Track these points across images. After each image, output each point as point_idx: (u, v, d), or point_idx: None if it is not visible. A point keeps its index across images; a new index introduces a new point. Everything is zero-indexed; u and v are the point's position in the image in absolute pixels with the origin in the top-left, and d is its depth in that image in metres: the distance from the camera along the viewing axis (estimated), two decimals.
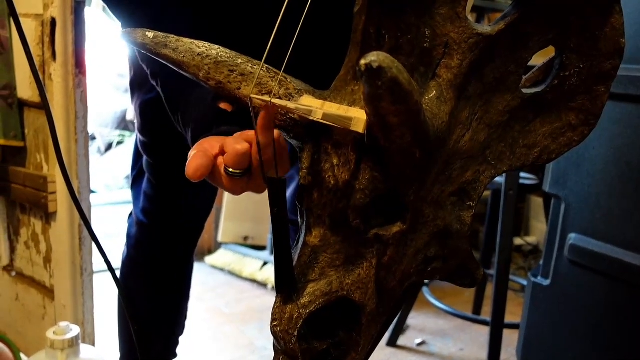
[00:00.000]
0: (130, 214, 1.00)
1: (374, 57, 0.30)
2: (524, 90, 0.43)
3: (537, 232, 2.53)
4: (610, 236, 0.98)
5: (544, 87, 0.43)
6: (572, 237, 1.04)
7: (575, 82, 0.41)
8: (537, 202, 2.52)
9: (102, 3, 3.59)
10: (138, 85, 0.85)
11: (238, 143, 0.49)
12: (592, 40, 0.40)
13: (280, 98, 0.44)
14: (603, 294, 1.00)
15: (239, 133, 0.53)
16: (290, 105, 0.42)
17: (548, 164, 1.08)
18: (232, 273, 2.06)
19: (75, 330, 0.80)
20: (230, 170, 0.50)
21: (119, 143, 3.03)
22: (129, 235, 0.99)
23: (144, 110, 0.84)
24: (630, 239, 0.95)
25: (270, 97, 0.44)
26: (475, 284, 0.44)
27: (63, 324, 0.80)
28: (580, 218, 1.03)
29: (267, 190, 0.46)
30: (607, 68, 0.41)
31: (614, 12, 0.40)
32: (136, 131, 0.90)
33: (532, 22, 0.41)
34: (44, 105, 0.64)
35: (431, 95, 0.42)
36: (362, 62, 0.30)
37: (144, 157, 0.90)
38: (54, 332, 0.79)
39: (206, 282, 1.99)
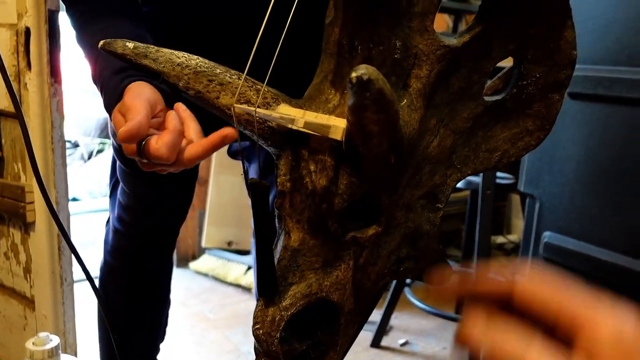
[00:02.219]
0: (108, 221, 1.00)
1: (363, 70, 0.32)
2: (486, 98, 0.45)
3: (519, 230, 2.57)
4: (583, 234, 1.01)
5: (504, 95, 0.45)
6: (547, 236, 1.07)
7: (532, 90, 0.44)
8: (518, 200, 2.56)
9: None
10: None
11: (166, 147, 0.47)
12: (548, 52, 0.43)
13: (259, 107, 0.46)
14: None
15: (176, 119, 0.50)
16: (275, 114, 0.44)
17: (522, 164, 1.11)
18: (216, 278, 2.06)
19: (55, 340, 0.80)
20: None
21: (100, 151, 3.01)
22: (106, 242, 1.00)
23: None
24: (602, 236, 0.99)
25: (249, 105, 0.46)
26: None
27: (42, 334, 0.80)
28: (554, 216, 1.06)
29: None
30: (561, 77, 0.44)
31: (567, 27, 0.43)
32: (111, 138, 0.91)
33: (494, 35, 0.43)
34: (17, 115, 0.65)
35: (402, 103, 0.44)
36: (353, 74, 0.32)
37: (118, 164, 0.90)
38: (33, 343, 0.79)
39: (190, 288, 1.98)
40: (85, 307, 1.34)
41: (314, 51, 0.46)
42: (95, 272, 0.84)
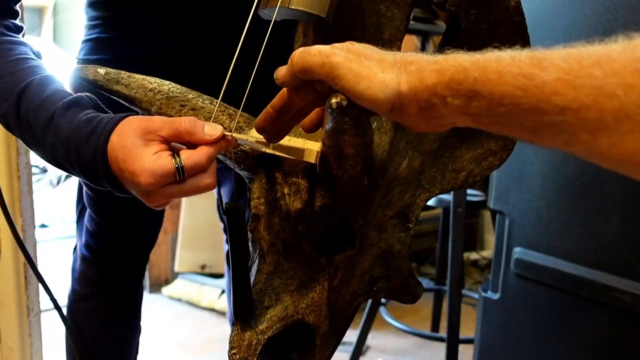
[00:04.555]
0: (75, 248, 0.98)
1: (343, 96, 0.33)
2: None
3: (492, 246, 2.59)
4: (551, 249, 1.04)
5: None
6: (517, 251, 1.09)
7: None
8: (490, 216, 2.59)
9: (51, 33, 3.47)
10: None
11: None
12: None
13: (230, 131, 0.46)
14: (548, 305, 1.05)
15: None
16: (251, 139, 0.44)
17: (491, 181, 1.13)
18: (190, 303, 2.02)
19: None
20: None
21: (69, 176, 2.95)
22: (73, 270, 0.97)
23: None
24: (569, 251, 1.01)
25: (225, 131, 0.46)
26: (416, 300, 0.47)
27: None
28: (523, 232, 1.08)
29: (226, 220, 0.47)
30: None
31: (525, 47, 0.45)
32: None
33: None
34: None
35: (373, 126, 0.46)
36: (333, 100, 0.33)
37: (85, 190, 0.89)
38: None
39: (163, 314, 1.94)
40: (54, 336, 1.29)
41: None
42: (64, 301, 0.82)
